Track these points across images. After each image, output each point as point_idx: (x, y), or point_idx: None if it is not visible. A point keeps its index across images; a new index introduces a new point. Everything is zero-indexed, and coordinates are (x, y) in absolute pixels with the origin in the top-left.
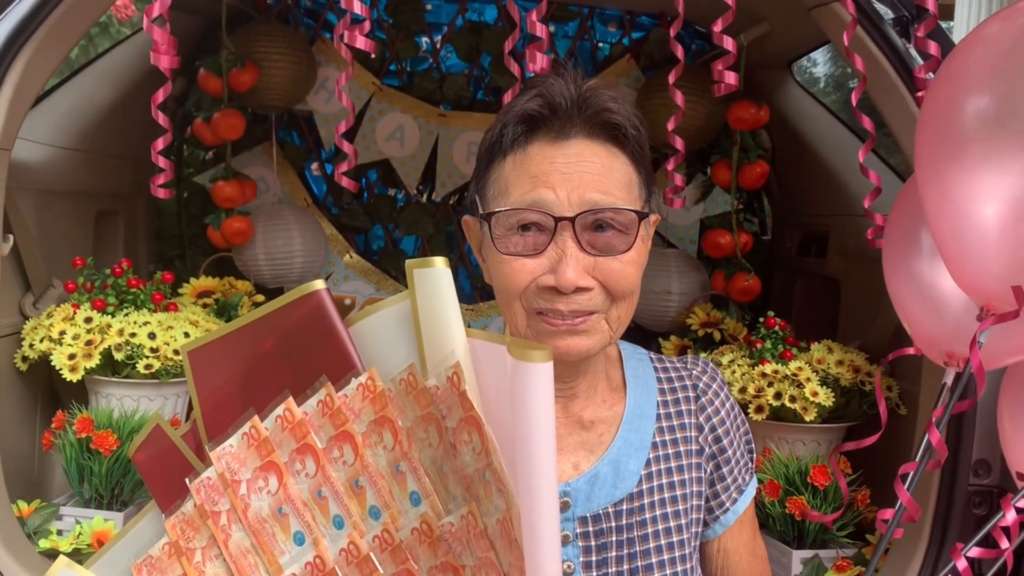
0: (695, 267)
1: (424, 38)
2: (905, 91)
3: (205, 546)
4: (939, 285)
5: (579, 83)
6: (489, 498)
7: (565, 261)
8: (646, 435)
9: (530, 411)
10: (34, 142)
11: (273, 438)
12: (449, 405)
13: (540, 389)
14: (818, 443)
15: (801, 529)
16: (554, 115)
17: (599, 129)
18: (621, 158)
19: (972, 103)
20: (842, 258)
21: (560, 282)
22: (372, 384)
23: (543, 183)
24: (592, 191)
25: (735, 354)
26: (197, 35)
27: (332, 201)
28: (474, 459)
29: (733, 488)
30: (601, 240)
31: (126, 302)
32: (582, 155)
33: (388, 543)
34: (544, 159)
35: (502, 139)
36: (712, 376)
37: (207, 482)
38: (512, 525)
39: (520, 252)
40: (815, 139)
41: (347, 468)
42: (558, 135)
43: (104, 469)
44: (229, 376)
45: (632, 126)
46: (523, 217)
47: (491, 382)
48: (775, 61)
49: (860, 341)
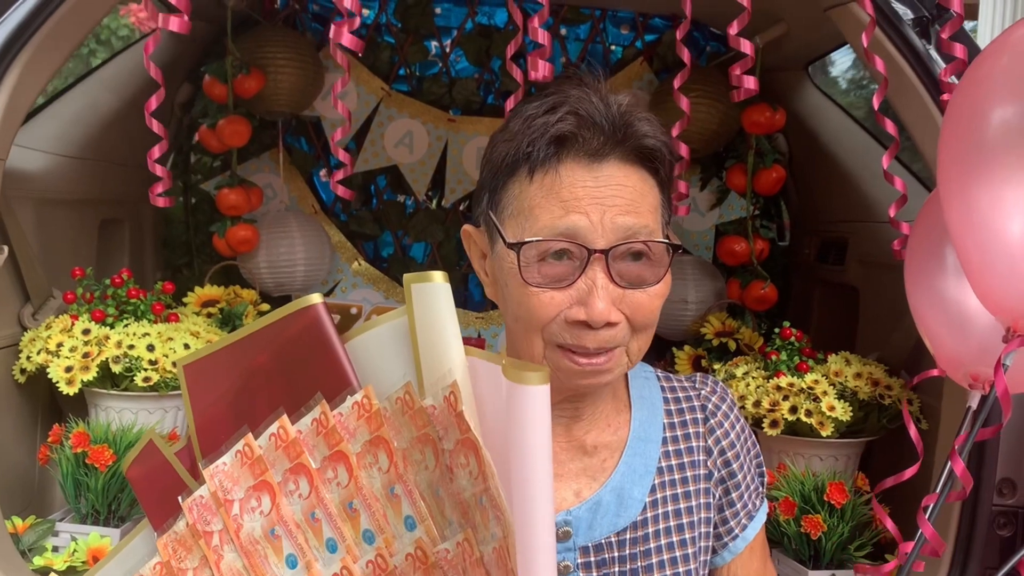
0: (711, 274)
1: (433, 42)
2: (925, 94)
3: (197, 567)
4: (964, 303)
5: (609, 100)
6: (486, 525)
7: (596, 294)
8: (651, 460)
9: (526, 435)
10: (36, 150)
11: (267, 457)
12: (446, 426)
13: (537, 413)
14: (835, 458)
15: (817, 548)
16: (590, 137)
17: (634, 153)
18: (651, 182)
19: (998, 113)
20: (861, 266)
21: (591, 316)
22: (368, 402)
23: (575, 209)
24: (627, 218)
25: (749, 366)
26: (204, 41)
27: (340, 208)
28: (471, 483)
29: (743, 514)
30: (632, 272)
31: (126, 313)
32: (616, 179)
33: (382, 568)
34: (576, 182)
35: (530, 157)
36: (722, 396)
37: (200, 501)
38: (509, 554)
39: (548, 284)
40: (833, 143)
41: (341, 490)
42: (593, 158)
43: (100, 484)
44: (224, 391)
45: (668, 150)
46: (554, 247)
47: (489, 403)
48: (792, 63)
49: (879, 352)
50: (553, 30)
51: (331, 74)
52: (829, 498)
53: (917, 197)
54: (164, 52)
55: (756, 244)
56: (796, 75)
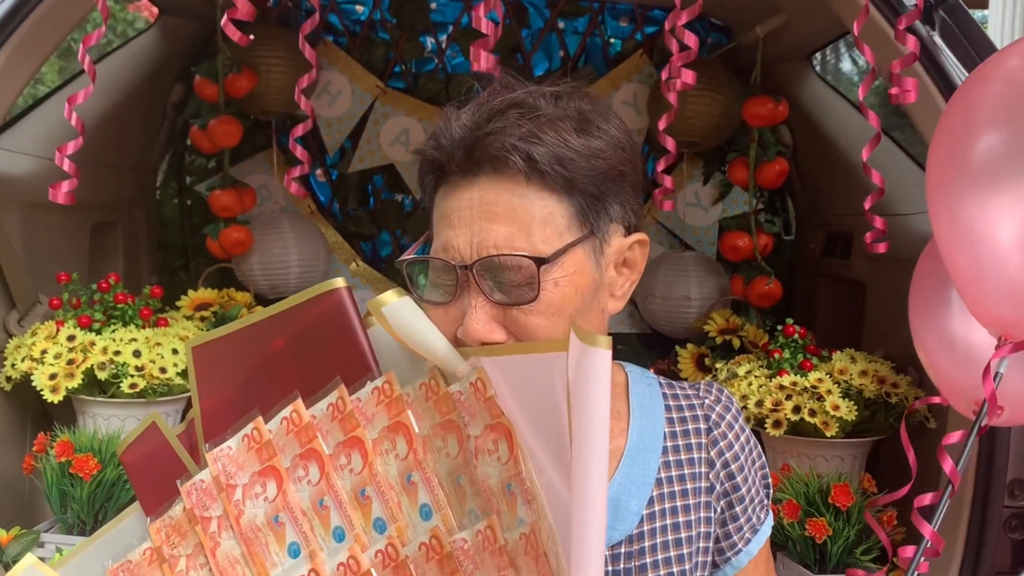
0: (715, 270)
1: (429, 38)
2: (929, 82)
3: (191, 554)
4: (968, 337)
5: (480, 114)
6: (512, 511)
7: (470, 314)
8: (650, 470)
9: (591, 396)
10: (22, 154)
11: (276, 441)
12: (473, 412)
13: (603, 374)
14: (841, 459)
15: (823, 552)
16: (451, 159)
17: (500, 166)
18: (533, 193)
19: (987, 136)
20: (868, 260)
21: (464, 334)
22: (389, 388)
23: (449, 228)
24: (490, 236)
25: (752, 364)
26: (195, 40)
27: (338, 208)
28: (499, 469)
29: (747, 528)
30: (507, 289)
31: (113, 318)
32: (484, 197)
33: (392, 559)
34: (453, 203)
35: (423, 186)
36: (726, 406)
37: (200, 485)
38: (540, 538)
39: (435, 301)
40: (838, 134)
41: (354, 476)
42: (461, 177)
43: (85, 494)
44: (234, 375)
45: (549, 156)
46: (433, 264)
47: (519, 395)
48: (794, 53)
49: (886, 348)
50: (551, 23)
51: (325, 72)
52: (834, 500)
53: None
54: (155, 52)
55: (760, 239)
56: (799, 65)
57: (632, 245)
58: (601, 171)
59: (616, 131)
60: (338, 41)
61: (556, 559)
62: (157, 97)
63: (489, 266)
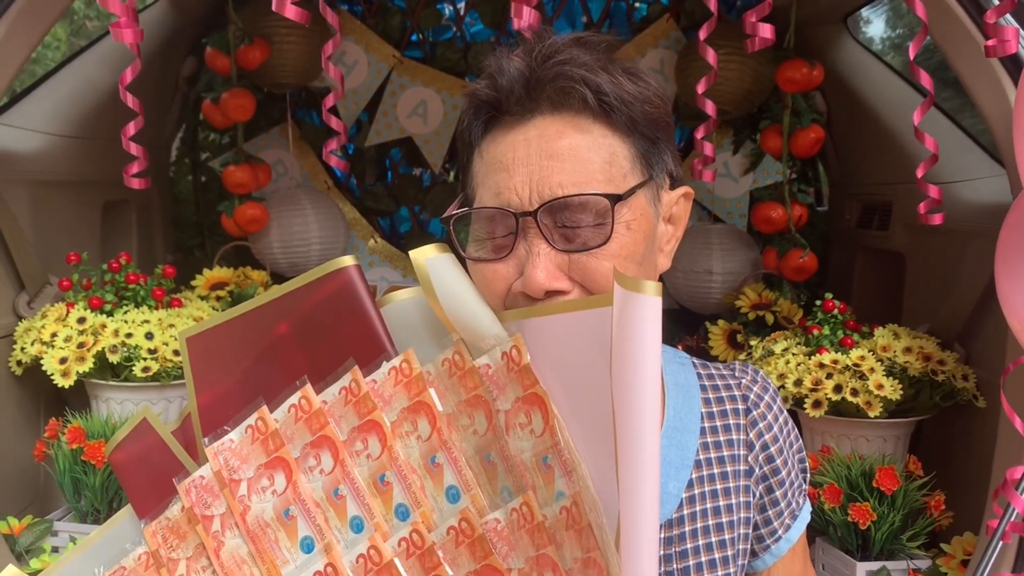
0: (744, 243)
1: (447, 5)
2: (980, 38)
3: (191, 556)
4: None
5: (536, 53)
6: (550, 485)
7: (532, 262)
8: (688, 452)
9: (640, 347)
10: (29, 130)
11: (284, 431)
12: (502, 385)
13: (651, 322)
14: (884, 440)
15: (866, 538)
16: (508, 98)
17: (564, 101)
18: (597, 131)
19: None
20: (907, 230)
21: (526, 286)
22: (407, 367)
23: (502, 172)
24: (553, 175)
25: (789, 341)
26: (206, 11)
27: (355, 183)
28: (533, 443)
29: (787, 513)
30: (572, 234)
31: (125, 299)
32: (545, 134)
33: (417, 546)
34: (507, 148)
35: (469, 133)
36: (764, 387)
37: (199, 482)
38: (582, 510)
39: (487, 256)
40: (875, 100)
41: (371, 462)
42: (518, 118)
43: (98, 482)
44: (233, 365)
45: (613, 93)
46: (483, 216)
47: (562, 355)
48: (829, 15)
49: (929, 324)
50: None
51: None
52: (878, 484)
53: (964, 152)
54: (166, 23)
55: (794, 210)
56: (834, 28)
57: (679, 199)
58: (653, 117)
59: (655, 83)
60: (353, 9)
61: (600, 530)
62: (168, 70)
63: (554, 208)
